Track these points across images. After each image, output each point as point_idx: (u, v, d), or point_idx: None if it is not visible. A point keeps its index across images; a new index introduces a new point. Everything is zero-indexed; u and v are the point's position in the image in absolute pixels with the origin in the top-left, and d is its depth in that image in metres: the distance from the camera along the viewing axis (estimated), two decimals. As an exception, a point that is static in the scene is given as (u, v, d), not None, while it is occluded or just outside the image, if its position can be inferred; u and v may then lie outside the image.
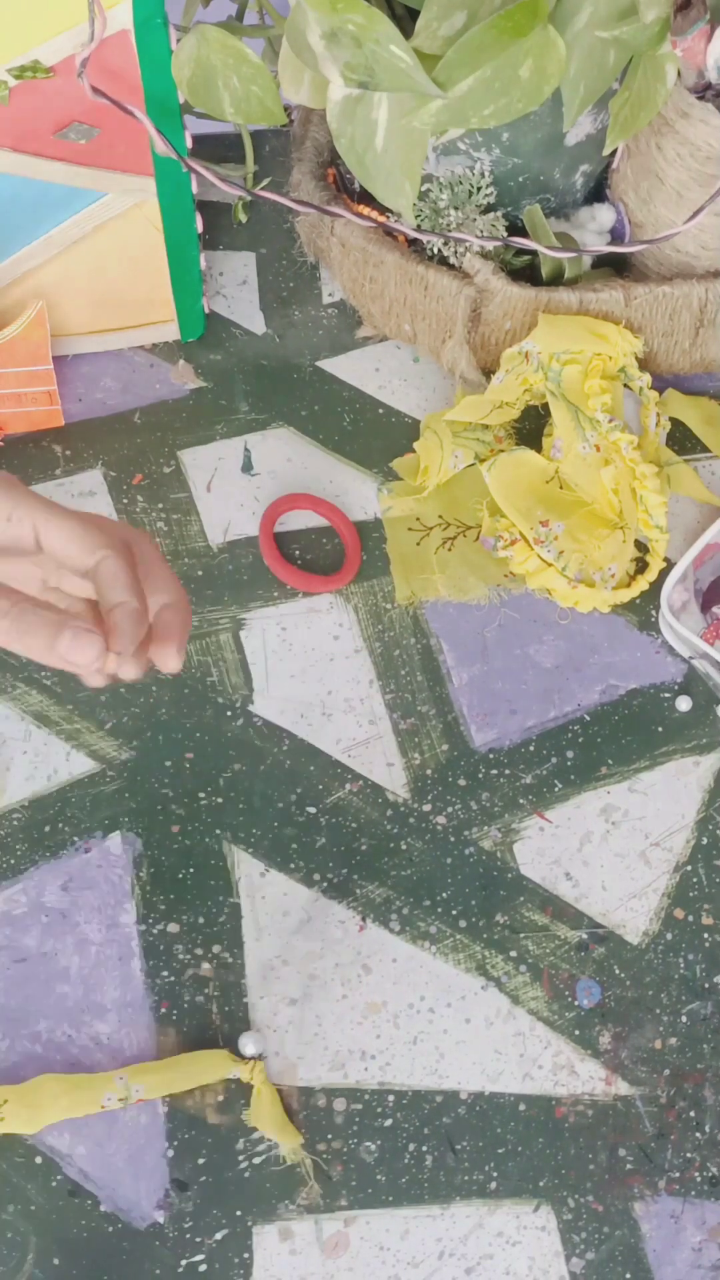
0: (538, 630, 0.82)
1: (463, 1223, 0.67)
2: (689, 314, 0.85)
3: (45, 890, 0.73)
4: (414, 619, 0.82)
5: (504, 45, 0.66)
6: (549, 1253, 0.66)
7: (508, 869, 0.75)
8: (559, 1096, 0.70)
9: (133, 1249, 0.65)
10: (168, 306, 0.88)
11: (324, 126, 0.89)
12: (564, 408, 0.83)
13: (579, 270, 0.85)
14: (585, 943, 0.73)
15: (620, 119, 0.76)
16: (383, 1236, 0.66)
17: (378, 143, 0.71)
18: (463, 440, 0.85)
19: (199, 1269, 0.65)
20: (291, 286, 0.94)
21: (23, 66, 0.72)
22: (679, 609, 0.81)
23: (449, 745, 0.78)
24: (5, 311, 0.85)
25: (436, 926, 0.73)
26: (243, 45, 0.72)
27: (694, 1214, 0.68)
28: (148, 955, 0.72)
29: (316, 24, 0.66)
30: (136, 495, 0.85)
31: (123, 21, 0.71)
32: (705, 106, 0.79)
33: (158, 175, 0.80)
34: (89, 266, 0.84)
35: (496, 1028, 0.71)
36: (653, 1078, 0.70)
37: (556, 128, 0.80)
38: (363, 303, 0.89)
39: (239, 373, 0.90)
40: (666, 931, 0.74)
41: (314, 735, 0.78)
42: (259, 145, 0.97)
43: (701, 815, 0.77)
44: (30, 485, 0.85)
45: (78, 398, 0.88)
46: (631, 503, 0.82)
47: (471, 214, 0.84)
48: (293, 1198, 0.67)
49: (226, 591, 0.82)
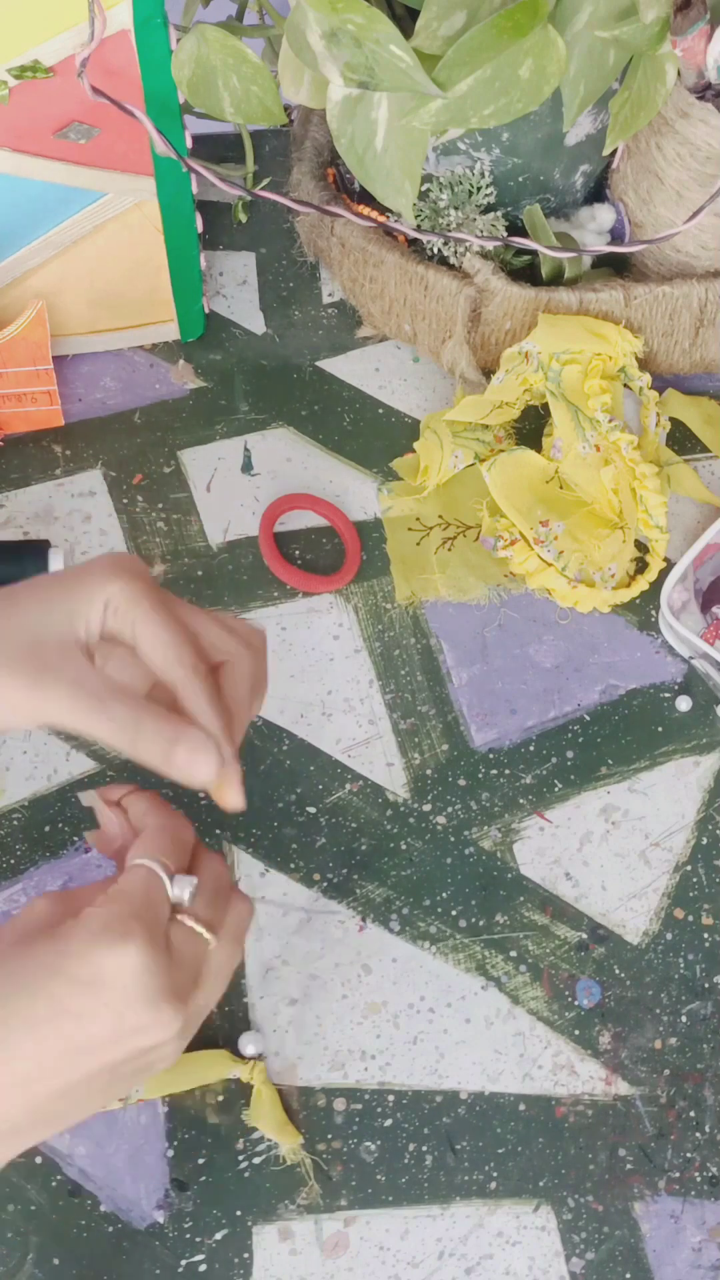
0: (538, 630, 0.82)
1: (463, 1223, 0.67)
2: (689, 314, 0.85)
3: (45, 890, 0.73)
4: (414, 619, 0.82)
5: (504, 45, 0.66)
6: (549, 1253, 0.66)
7: (508, 869, 0.75)
8: (559, 1096, 0.70)
9: (133, 1249, 0.65)
10: (168, 306, 0.88)
11: (324, 126, 0.89)
12: (564, 408, 0.83)
13: (579, 270, 0.85)
14: (585, 943, 0.73)
15: (620, 119, 0.76)
16: (382, 1236, 0.66)
17: (378, 143, 0.71)
18: (463, 440, 0.85)
19: (199, 1269, 0.65)
20: (291, 286, 0.94)
21: (23, 66, 0.72)
22: (679, 609, 0.81)
23: (449, 745, 0.78)
24: (5, 311, 0.85)
25: (436, 926, 0.73)
26: (243, 45, 0.72)
27: (694, 1214, 0.68)
28: (148, 955, 0.72)
29: (316, 24, 0.66)
30: (136, 495, 0.85)
31: (123, 21, 0.71)
32: (705, 106, 0.79)
33: (158, 175, 0.80)
34: (89, 266, 0.84)
35: (496, 1028, 0.71)
36: (653, 1078, 0.70)
37: (556, 128, 0.80)
38: (363, 303, 0.89)
39: (239, 373, 0.90)
40: (666, 931, 0.74)
41: (314, 735, 0.78)
42: (259, 145, 0.97)
43: (701, 815, 0.77)
44: (30, 485, 0.85)
45: (78, 398, 0.88)
46: (631, 503, 0.82)
47: (471, 214, 0.84)
48: (293, 1198, 0.67)
49: (226, 591, 0.82)
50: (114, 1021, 0.52)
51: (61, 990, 0.52)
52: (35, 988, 0.52)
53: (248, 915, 0.58)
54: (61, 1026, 0.52)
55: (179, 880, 0.55)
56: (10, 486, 0.85)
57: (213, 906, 0.56)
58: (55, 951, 0.53)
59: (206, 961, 0.56)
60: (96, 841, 0.62)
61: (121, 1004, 0.52)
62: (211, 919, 0.56)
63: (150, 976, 0.52)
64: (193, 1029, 0.56)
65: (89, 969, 0.52)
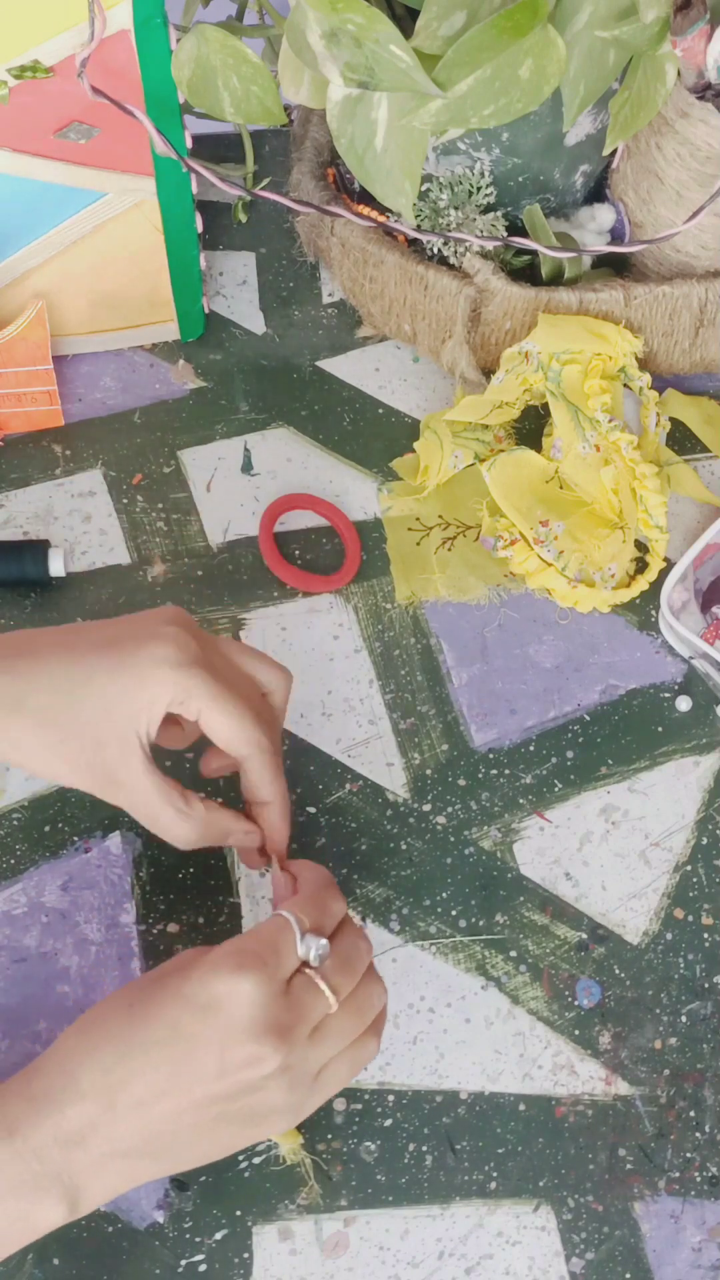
0: (538, 630, 0.82)
1: (462, 1223, 0.67)
2: (689, 314, 0.85)
3: (45, 890, 0.73)
4: (414, 619, 0.82)
5: (504, 45, 0.66)
6: (549, 1253, 0.66)
7: (508, 869, 0.75)
8: (559, 1096, 0.70)
9: (132, 1249, 0.65)
10: (168, 306, 0.88)
11: (324, 126, 0.89)
12: (564, 408, 0.83)
13: (579, 270, 0.86)
14: (585, 943, 0.73)
15: (620, 119, 0.76)
16: (382, 1236, 0.66)
17: (378, 143, 0.71)
18: (463, 440, 0.85)
19: (199, 1269, 0.65)
20: (291, 286, 0.94)
21: (23, 66, 0.72)
22: (679, 609, 0.81)
23: (449, 745, 0.78)
24: (5, 311, 0.85)
25: (436, 926, 0.73)
26: (243, 45, 0.72)
27: (694, 1214, 0.68)
28: (148, 955, 0.72)
29: (316, 24, 0.66)
30: (136, 495, 0.85)
31: (123, 21, 0.71)
32: (705, 106, 0.79)
33: (158, 175, 0.80)
34: (89, 266, 0.84)
35: (496, 1028, 0.71)
36: (653, 1078, 0.70)
37: (556, 128, 0.80)
38: (363, 303, 0.89)
39: (239, 372, 0.90)
40: (666, 931, 0.74)
41: (314, 735, 0.78)
42: (259, 145, 0.97)
43: (701, 815, 0.77)
44: (30, 485, 0.85)
45: (78, 398, 0.89)
46: (631, 503, 0.82)
47: (471, 214, 0.84)
48: (292, 1198, 0.67)
49: (226, 591, 0.82)
50: (219, 1050, 0.54)
51: (178, 1013, 0.55)
52: (158, 1012, 0.55)
53: (380, 998, 0.61)
54: (174, 1050, 0.55)
55: (310, 938, 0.57)
56: (10, 486, 0.85)
57: (342, 974, 0.58)
58: (180, 978, 0.56)
59: (327, 1023, 0.57)
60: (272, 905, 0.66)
61: (227, 1031, 0.54)
62: (338, 986, 0.58)
63: (257, 1008, 0.54)
64: (303, 1086, 0.57)
65: (205, 994, 0.55)
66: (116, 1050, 0.55)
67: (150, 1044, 0.55)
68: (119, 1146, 0.55)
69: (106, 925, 0.72)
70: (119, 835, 0.74)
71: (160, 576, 0.82)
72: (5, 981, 0.71)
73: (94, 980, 0.71)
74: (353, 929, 0.61)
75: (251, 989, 0.54)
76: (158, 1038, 0.55)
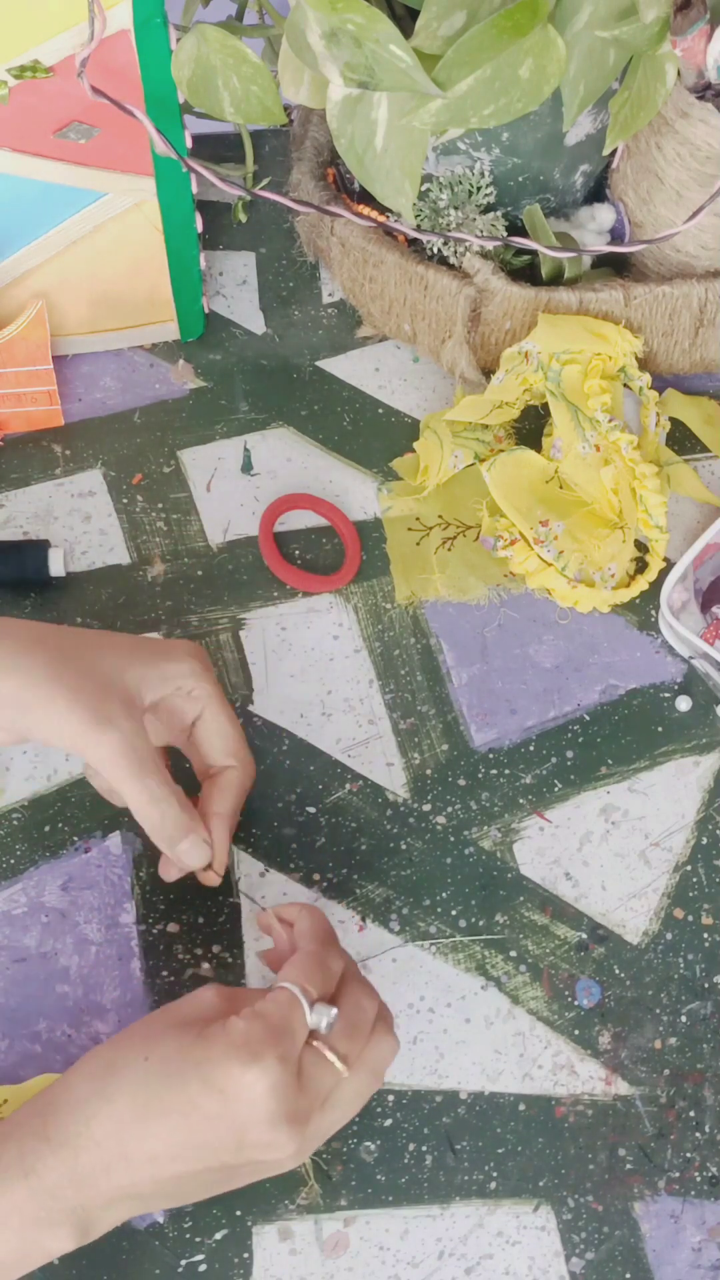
0: (537, 630, 0.82)
1: (462, 1223, 0.67)
2: (689, 314, 0.85)
3: (45, 890, 0.73)
4: (414, 619, 0.82)
5: (504, 45, 0.66)
6: (549, 1252, 0.66)
7: (507, 869, 0.75)
8: (559, 1096, 0.70)
9: (132, 1249, 0.65)
10: (168, 306, 0.88)
11: (324, 126, 0.89)
12: (564, 408, 0.83)
13: (579, 270, 0.86)
14: (585, 943, 0.73)
15: (620, 119, 0.76)
16: (382, 1236, 0.66)
17: (378, 143, 0.71)
18: (463, 440, 0.85)
19: (199, 1269, 0.65)
20: (291, 286, 0.94)
21: (23, 66, 0.72)
22: (679, 609, 0.81)
23: (449, 745, 0.78)
24: (5, 311, 0.85)
25: (436, 926, 0.73)
26: (243, 45, 0.72)
27: (694, 1214, 0.68)
28: (147, 955, 0.72)
29: (316, 24, 0.66)
30: (136, 495, 0.85)
31: (123, 21, 0.71)
32: (705, 106, 0.79)
33: (158, 175, 0.80)
34: (89, 266, 0.84)
35: (496, 1028, 0.71)
36: (652, 1078, 0.70)
37: (556, 128, 0.80)
38: (362, 303, 0.89)
39: (239, 372, 0.90)
40: (666, 931, 0.74)
41: (314, 735, 0.78)
42: (259, 145, 0.97)
43: (701, 815, 0.77)
44: (30, 485, 0.85)
45: (78, 398, 0.89)
46: (631, 503, 0.82)
47: (471, 214, 0.84)
48: (292, 1198, 0.67)
49: (226, 591, 0.82)
50: (236, 1133, 0.56)
51: (196, 1090, 0.55)
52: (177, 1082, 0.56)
53: (389, 1053, 0.61)
54: (191, 1121, 0.56)
55: (319, 1009, 0.58)
56: (10, 486, 0.85)
57: (350, 1039, 0.59)
58: (201, 1050, 0.56)
59: (339, 1089, 0.58)
60: (267, 959, 0.66)
61: (245, 1119, 0.55)
62: (348, 1052, 0.58)
63: (274, 1101, 0.55)
64: (310, 1149, 0.59)
65: (222, 1078, 0.55)
66: (133, 1108, 0.56)
67: (168, 1110, 0.56)
68: (130, 1191, 0.57)
69: (106, 925, 0.72)
70: (119, 835, 0.74)
71: (160, 576, 0.82)
72: (5, 981, 0.71)
73: (94, 980, 0.71)
74: (355, 985, 0.61)
75: (266, 1079, 0.55)
76: (175, 1107, 0.56)
